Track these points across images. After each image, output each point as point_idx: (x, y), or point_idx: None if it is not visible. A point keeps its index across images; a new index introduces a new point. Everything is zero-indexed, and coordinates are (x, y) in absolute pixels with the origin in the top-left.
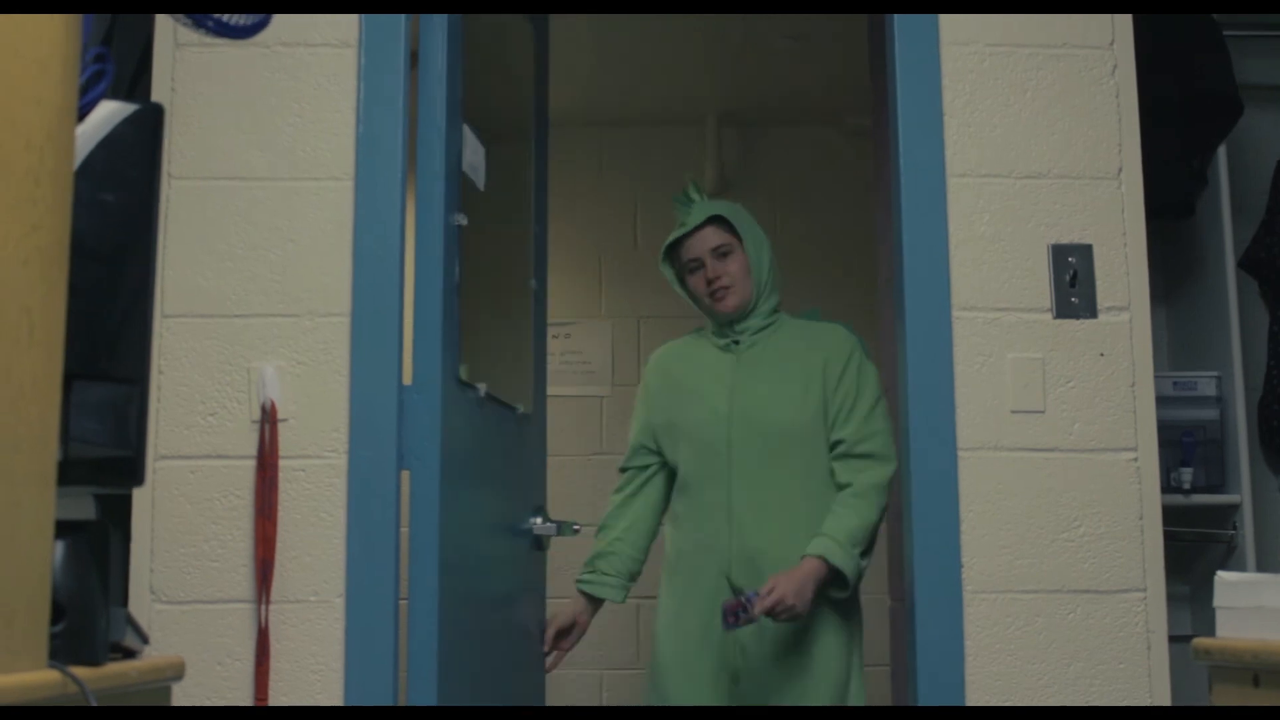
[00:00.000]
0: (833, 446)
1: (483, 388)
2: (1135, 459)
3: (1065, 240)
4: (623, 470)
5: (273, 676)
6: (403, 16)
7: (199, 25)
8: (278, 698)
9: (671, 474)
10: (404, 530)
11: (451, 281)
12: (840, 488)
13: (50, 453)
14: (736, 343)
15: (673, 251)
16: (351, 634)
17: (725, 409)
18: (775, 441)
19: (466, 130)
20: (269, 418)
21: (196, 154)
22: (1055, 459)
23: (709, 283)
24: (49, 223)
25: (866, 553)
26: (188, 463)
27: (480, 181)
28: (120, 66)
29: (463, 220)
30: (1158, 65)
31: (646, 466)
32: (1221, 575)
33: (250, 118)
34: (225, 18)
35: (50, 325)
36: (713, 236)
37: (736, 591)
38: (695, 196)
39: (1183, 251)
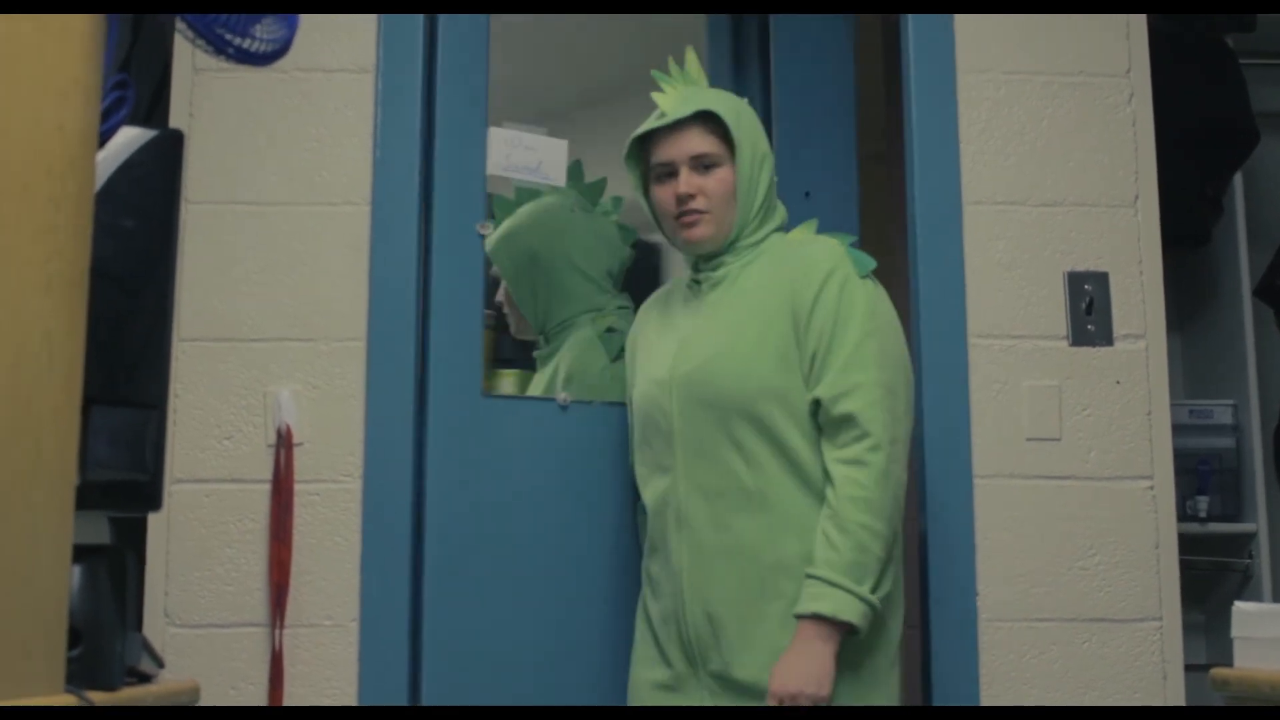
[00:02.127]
0: (814, 413)
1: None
2: (1151, 487)
3: (1081, 268)
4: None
5: (286, 700)
6: (420, 42)
7: (220, 51)
8: None
9: None
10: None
11: (475, 291)
12: (826, 477)
13: (69, 477)
14: (698, 282)
15: (643, 146)
16: (365, 658)
17: (666, 375)
18: (728, 414)
19: (505, 131)
20: (284, 442)
21: (214, 178)
22: (1071, 487)
23: (679, 201)
24: (70, 249)
25: (882, 578)
26: (203, 486)
27: (547, 179)
28: (138, 90)
29: (488, 228)
30: (1174, 93)
31: None
32: (1239, 606)
33: (268, 142)
34: (246, 44)
35: (70, 350)
36: (696, 139)
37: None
38: (684, 78)
39: (1198, 279)
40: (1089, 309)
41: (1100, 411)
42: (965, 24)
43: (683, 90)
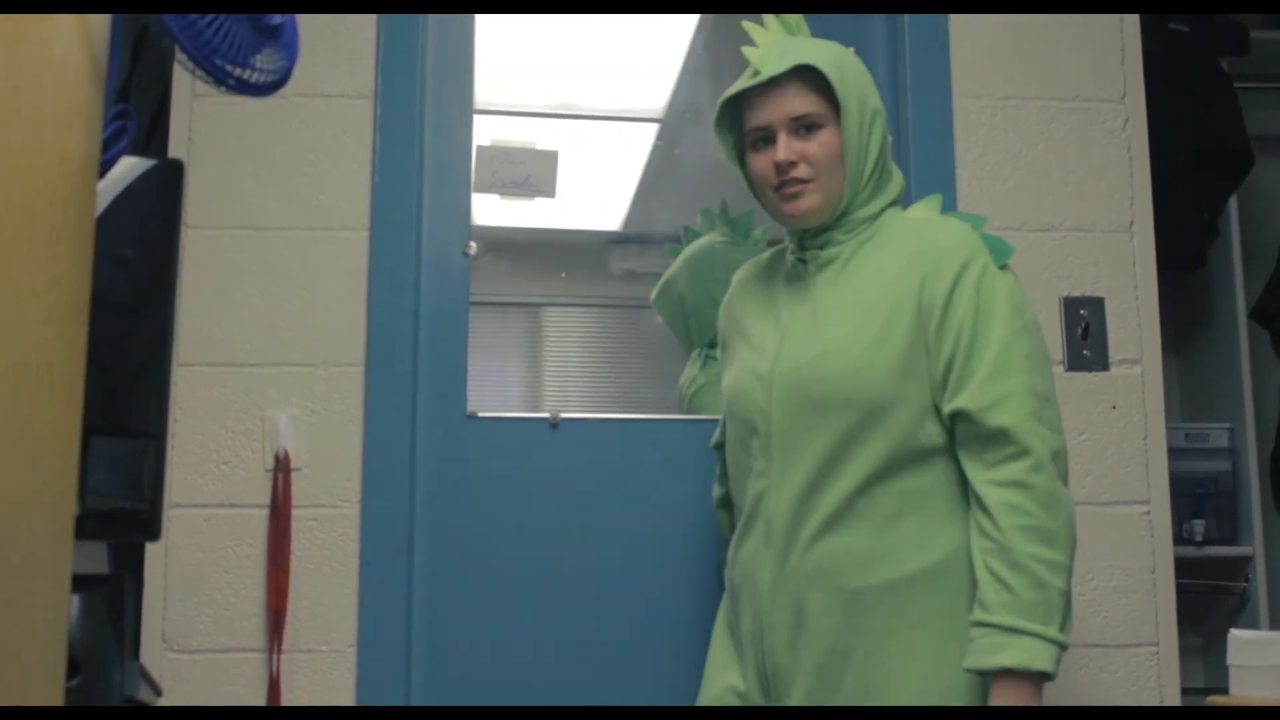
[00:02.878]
0: (951, 423)
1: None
2: (1148, 512)
3: (1077, 293)
4: (715, 448)
5: None
6: (417, 67)
7: (220, 82)
8: None
9: None
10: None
11: (460, 312)
12: (977, 502)
13: (69, 507)
14: (803, 261)
15: (735, 110)
16: (363, 684)
17: (767, 367)
18: (835, 415)
19: (491, 147)
20: (282, 467)
21: (212, 203)
22: None
23: (778, 170)
24: (70, 278)
25: (1069, 614)
26: (201, 511)
27: (536, 191)
28: (137, 115)
29: (472, 249)
30: (1169, 117)
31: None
32: (1235, 633)
33: (266, 168)
34: (246, 75)
35: (70, 380)
36: (795, 99)
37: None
38: (779, 29)
39: (1194, 303)
40: (1085, 334)
41: (1097, 436)
42: (961, 49)
43: (779, 42)
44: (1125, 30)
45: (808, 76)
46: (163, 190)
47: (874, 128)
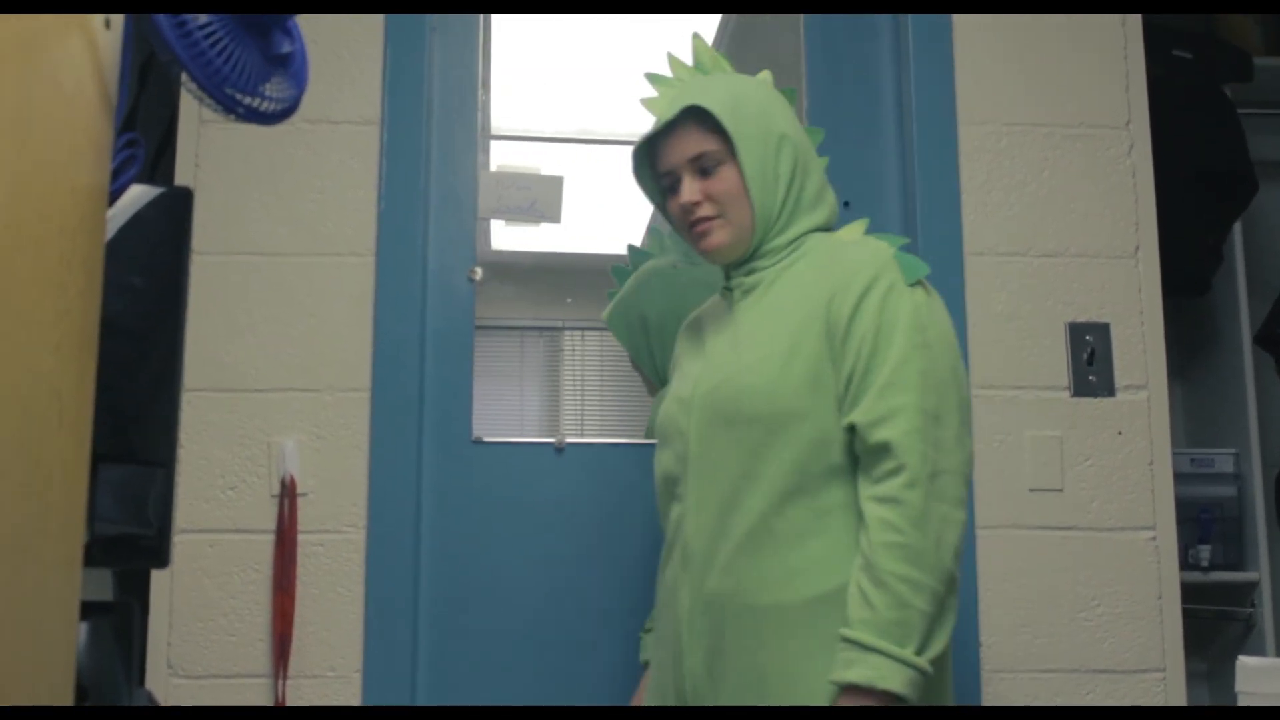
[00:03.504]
0: (850, 443)
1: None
2: (1154, 538)
3: (1083, 319)
4: None
5: None
6: (423, 94)
7: (230, 111)
8: None
9: None
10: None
11: (465, 337)
12: (862, 518)
13: (77, 536)
14: (730, 290)
15: (652, 157)
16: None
17: (688, 391)
18: (744, 430)
19: (496, 172)
20: (288, 492)
21: (219, 229)
22: (1074, 537)
23: (684, 211)
24: (79, 307)
25: (931, 637)
26: (207, 536)
27: (542, 216)
28: (144, 140)
29: (477, 274)
30: (1173, 143)
31: None
32: (1243, 660)
33: (273, 193)
34: (255, 104)
35: (79, 409)
36: (691, 141)
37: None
38: (686, 72)
39: (1199, 328)
40: (1090, 360)
41: (1102, 462)
42: (966, 76)
43: (676, 87)
44: (1129, 57)
45: (703, 116)
46: (171, 218)
47: (781, 155)
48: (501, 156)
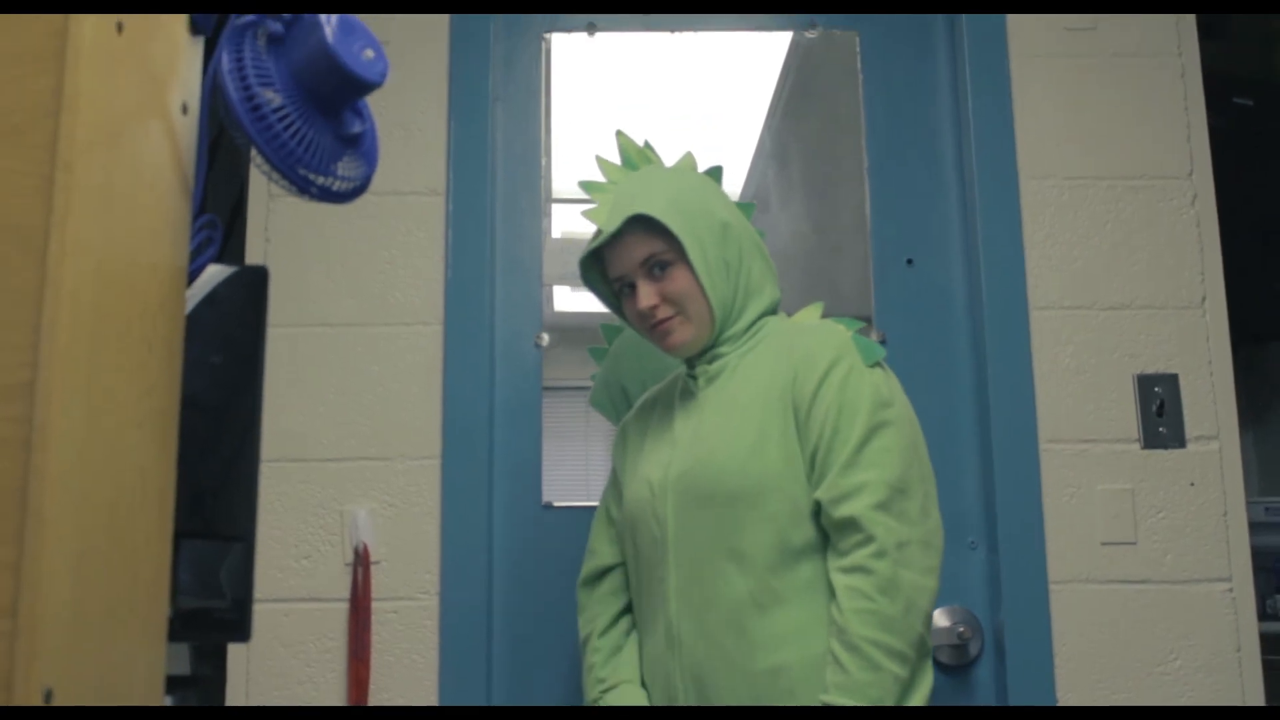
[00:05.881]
0: (817, 517)
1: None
2: (1230, 589)
3: (1151, 370)
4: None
5: None
6: (487, 163)
7: (303, 191)
8: None
9: None
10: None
11: (534, 401)
12: (832, 591)
13: (161, 610)
14: (694, 378)
15: (601, 262)
16: None
17: (660, 475)
18: (723, 509)
19: (563, 239)
20: (362, 560)
21: (289, 301)
22: (1148, 591)
23: (642, 317)
24: (161, 385)
25: (903, 701)
26: (282, 606)
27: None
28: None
29: (544, 340)
30: (1237, 191)
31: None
32: None
33: (341, 265)
34: (328, 183)
35: (162, 485)
36: (640, 246)
37: None
38: (619, 174)
39: (1268, 375)
40: (1160, 411)
41: (1175, 514)
42: (1026, 130)
43: (610, 191)
44: (1189, 107)
45: (647, 220)
46: (248, 295)
47: (726, 243)
48: (564, 220)
